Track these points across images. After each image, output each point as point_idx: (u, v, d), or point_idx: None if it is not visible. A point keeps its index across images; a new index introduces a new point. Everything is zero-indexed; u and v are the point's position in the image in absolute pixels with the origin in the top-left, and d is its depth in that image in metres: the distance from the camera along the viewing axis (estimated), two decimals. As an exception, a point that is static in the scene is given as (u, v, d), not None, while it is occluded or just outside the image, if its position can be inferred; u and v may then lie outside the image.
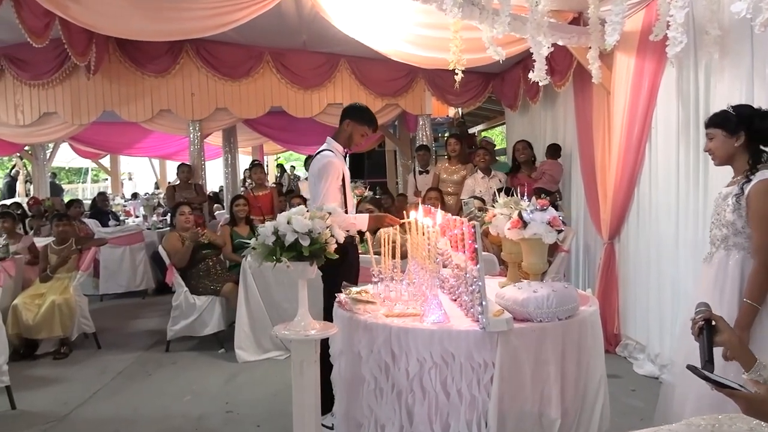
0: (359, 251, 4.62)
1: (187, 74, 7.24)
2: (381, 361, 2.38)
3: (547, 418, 2.27)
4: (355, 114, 3.53)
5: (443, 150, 8.31)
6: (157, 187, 14.34)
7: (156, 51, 7.02)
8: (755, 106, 2.56)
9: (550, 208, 2.68)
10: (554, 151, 5.72)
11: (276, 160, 17.75)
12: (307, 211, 2.55)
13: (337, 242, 2.52)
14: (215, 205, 9.44)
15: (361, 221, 3.45)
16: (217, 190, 12.27)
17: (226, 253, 5.62)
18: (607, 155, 4.65)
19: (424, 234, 2.64)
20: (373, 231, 3.98)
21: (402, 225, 3.28)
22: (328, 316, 3.15)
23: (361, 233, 3.78)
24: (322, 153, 3.48)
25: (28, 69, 6.85)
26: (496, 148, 9.02)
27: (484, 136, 12.01)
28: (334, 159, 3.39)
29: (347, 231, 3.17)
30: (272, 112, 7.62)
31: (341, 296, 2.73)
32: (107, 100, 7.16)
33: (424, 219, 2.70)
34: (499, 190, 4.75)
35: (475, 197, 5.46)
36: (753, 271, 2.35)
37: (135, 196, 12.44)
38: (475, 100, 7.57)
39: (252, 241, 2.55)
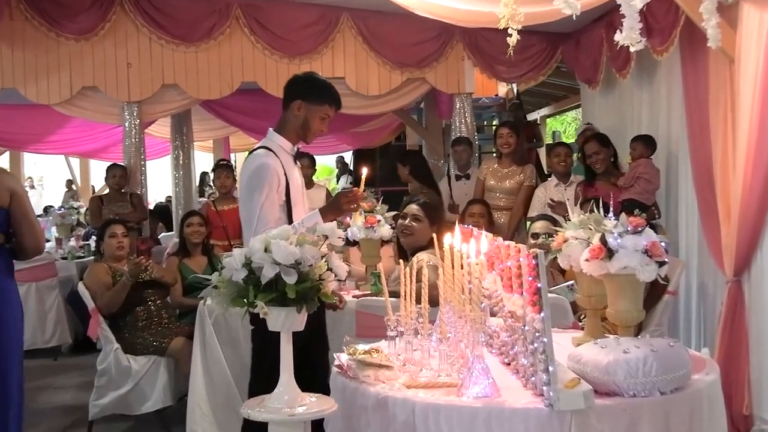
0: (368, 291, 4.65)
1: (121, 37, 7.37)
2: (400, 453, 2.38)
3: None
4: (305, 89, 3.60)
5: (490, 145, 8.35)
6: (76, 197, 14.49)
7: (78, 3, 7.15)
8: None
9: (647, 229, 2.67)
10: (647, 145, 5.71)
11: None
12: (295, 233, 2.58)
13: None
14: (159, 224, 9.52)
15: (311, 221, 3.44)
16: (164, 202, 12.37)
17: (176, 295, 5.64)
18: (731, 154, 4.61)
19: (462, 267, 2.64)
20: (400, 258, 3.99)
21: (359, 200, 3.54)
22: (258, 389, 3.18)
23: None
24: (253, 154, 3.57)
25: None
26: (566, 141, 9.01)
27: (588, 123, 11.89)
28: (268, 160, 3.47)
29: None
30: (243, 91, 7.71)
31: (342, 358, 2.73)
32: (6, 73, 7.30)
33: (462, 246, 2.71)
34: (582, 205, 4.76)
35: (548, 216, 5.41)
36: None
37: (45, 210, 12.55)
38: (536, 72, 7.61)
39: (213, 277, 2.57)
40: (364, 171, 3.58)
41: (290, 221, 3.47)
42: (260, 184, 3.44)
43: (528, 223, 5.85)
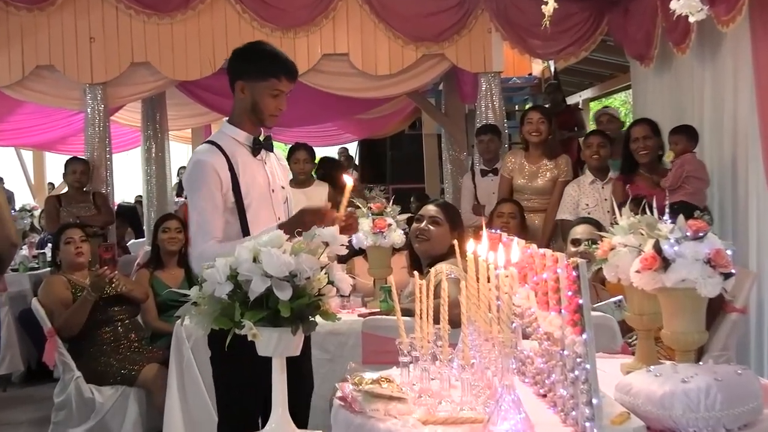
0: (376, 309, 4.65)
1: (82, 6, 7.42)
2: (415, 502, 2.38)
3: None
4: (243, 65, 3.55)
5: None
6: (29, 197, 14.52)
7: (31, -35, 7.20)
8: None
9: (709, 234, 2.67)
10: (691, 137, 5.70)
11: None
12: (290, 239, 2.59)
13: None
14: (128, 229, 9.56)
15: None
16: (133, 203, 12.41)
17: (148, 313, 5.65)
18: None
19: (489, 280, 2.64)
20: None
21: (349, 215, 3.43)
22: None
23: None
24: (195, 151, 3.62)
25: None
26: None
27: (606, 106, 11.91)
28: (204, 157, 3.47)
29: None
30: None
31: (345, 388, 2.74)
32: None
33: (489, 254, 2.70)
34: (621, 205, 4.73)
35: (590, 219, 5.39)
36: None
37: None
38: (577, 47, 7.61)
39: (192, 292, 2.58)
40: (349, 181, 3.41)
41: (245, 231, 3.45)
42: (197, 186, 3.46)
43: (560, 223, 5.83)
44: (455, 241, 3.34)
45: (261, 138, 3.60)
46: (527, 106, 11.21)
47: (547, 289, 2.47)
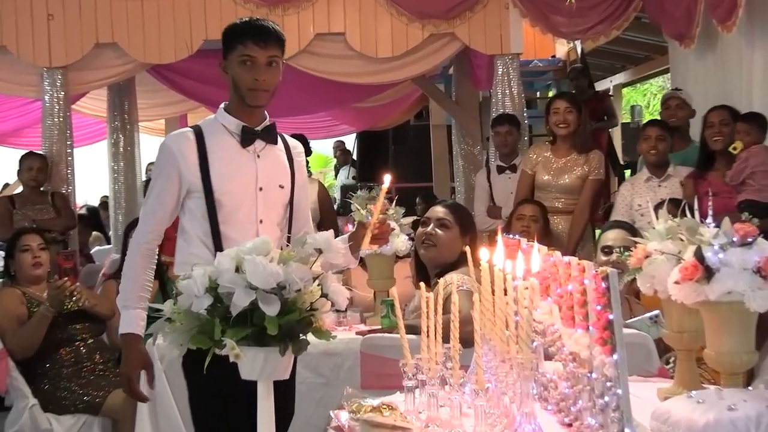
0: (377, 326, 4.65)
1: (39, -21, 7.42)
2: None
3: None
4: (222, 41, 3.56)
5: (544, 125, 8.30)
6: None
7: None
8: None
9: (760, 239, 2.66)
10: (761, 126, 5.69)
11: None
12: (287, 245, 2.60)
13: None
14: (93, 233, 9.55)
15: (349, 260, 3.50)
16: (98, 205, 12.40)
17: (115, 332, 5.63)
18: None
19: (506, 293, 2.64)
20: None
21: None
22: None
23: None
24: None
25: None
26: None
27: (676, 88, 11.81)
28: (170, 141, 3.57)
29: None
30: (206, 52, 7.70)
31: (341, 417, 2.74)
32: None
33: (506, 263, 2.70)
34: (677, 206, 4.73)
35: (623, 223, 5.37)
36: None
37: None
38: (608, 25, 7.61)
39: (166, 307, 2.58)
40: (386, 181, 3.42)
41: (215, 232, 3.45)
42: (154, 174, 3.57)
43: (597, 231, 5.82)
44: (467, 248, 3.34)
45: (259, 128, 3.56)
46: (551, 94, 11.22)
47: (573, 302, 2.46)
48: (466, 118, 9.26)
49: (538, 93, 12.67)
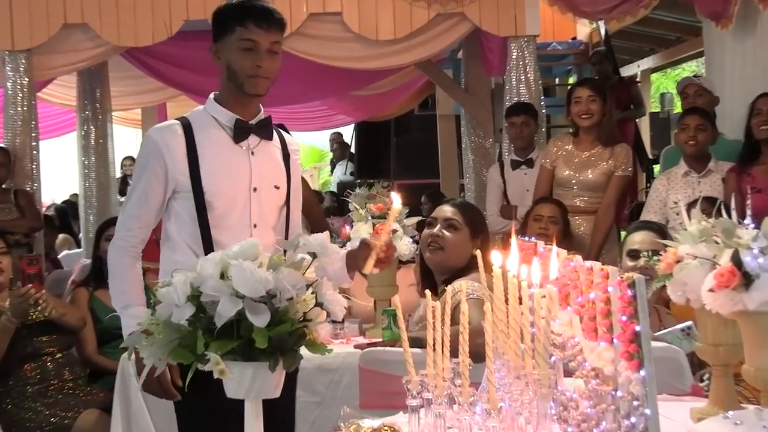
0: (378, 339, 4.65)
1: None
2: None
3: None
4: (213, 23, 3.55)
5: (563, 115, 8.30)
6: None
7: None
8: None
9: (804, 242, 2.64)
10: None
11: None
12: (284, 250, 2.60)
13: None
14: (61, 236, 9.56)
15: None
16: (61, 205, 12.43)
17: (86, 345, 5.64)
18: None
19: (521, 302, 2.63)
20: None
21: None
22: None
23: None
24: None
25: None
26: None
27: (695, 75, 11.89)
28: (155, 133, 3.54)
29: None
30: (186, 34, 7.72)
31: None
32: None
33: (521, 268, 2.70)
34: (712, 204, 4.72)
35: (652, 224, 5.36)
36: None
37: None
38: (634, 4, 7.61)
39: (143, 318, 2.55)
40: (397, 201, 3.33)
41: (206, 236, 3.46)
42: (137, 170, 3.58)
43: (622, 234, 5.81)
44: (478, 252, 3.33)
45: (254, 121, 3.55)
46: (571, 80, 11.23)
47: (596, 312, 2.44)
48: (477, 107, 9.29)
49: (557, 79, 12.74)
